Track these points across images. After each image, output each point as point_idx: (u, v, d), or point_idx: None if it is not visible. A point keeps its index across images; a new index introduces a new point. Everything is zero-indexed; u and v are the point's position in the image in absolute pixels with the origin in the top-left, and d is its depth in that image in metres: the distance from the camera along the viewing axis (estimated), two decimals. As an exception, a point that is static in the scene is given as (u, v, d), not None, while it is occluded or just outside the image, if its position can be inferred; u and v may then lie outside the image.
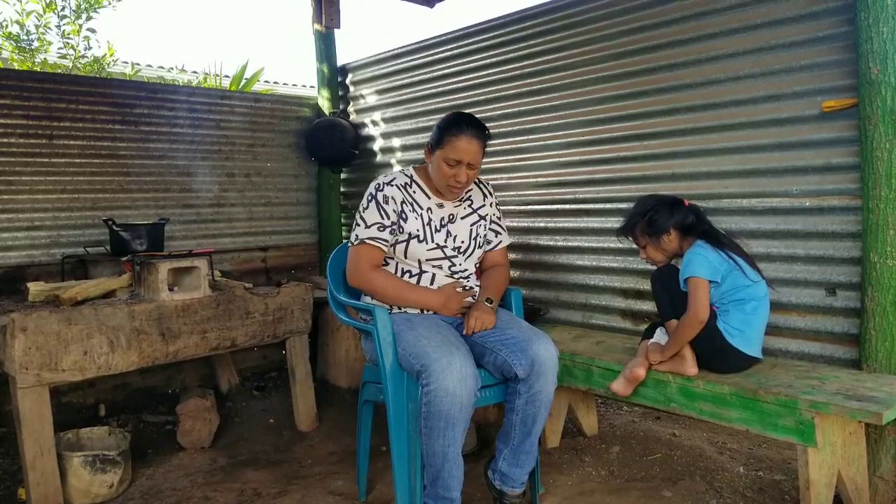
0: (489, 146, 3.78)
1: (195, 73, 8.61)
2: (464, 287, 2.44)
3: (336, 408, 3.61)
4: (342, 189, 4.86)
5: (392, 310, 2.37)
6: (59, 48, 7.13)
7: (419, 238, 2.36)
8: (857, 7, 2.31)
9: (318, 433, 3.27)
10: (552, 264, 3.54)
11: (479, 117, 3.75)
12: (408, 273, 2.41)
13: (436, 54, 4.10)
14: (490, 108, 3.79)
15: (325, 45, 4.71)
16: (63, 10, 6.99)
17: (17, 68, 6.45)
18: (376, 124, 4.58)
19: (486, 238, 2.56)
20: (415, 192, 2.42)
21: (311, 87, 7.39)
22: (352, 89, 4.76)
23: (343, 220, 4.88)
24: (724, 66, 2.83)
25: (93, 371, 2.58)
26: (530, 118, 3.60)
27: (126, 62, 8.16)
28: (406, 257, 2.39)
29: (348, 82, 4.76)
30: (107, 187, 3.84)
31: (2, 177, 3.48)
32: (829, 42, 2.55)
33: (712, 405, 2.26)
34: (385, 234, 2.33)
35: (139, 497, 2.65)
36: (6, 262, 3.49)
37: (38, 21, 6.90)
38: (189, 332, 2.81)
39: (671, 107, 3.02)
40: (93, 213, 3.75)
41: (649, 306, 3.07)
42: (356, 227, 2.38)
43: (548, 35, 3.49)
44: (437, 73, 4.11)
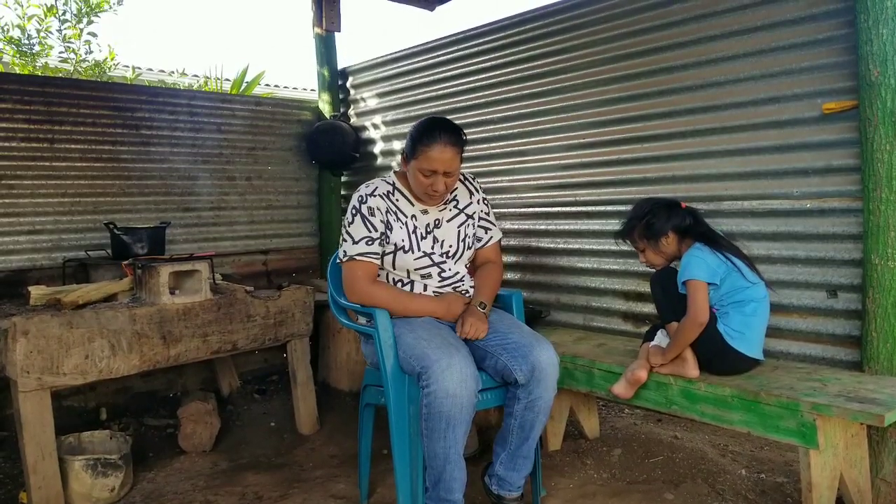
0: (489, 148, 3.85)
1: (196, 76, 8.62)
2: (464, 293, 2.42)
3: (337, 411, 3.61)
4: (343, 192, 4.86)
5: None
6: (61, 52, 7.15)
7: (404, 248, 2.34)
8: (857, 9, 2.31)
9: (320, 436, 3.27)
10: (553, 267, 3.54)
11: (479, 119, 3.85)
12: (399, 283, 2.39)
13: (436, 57, 4.11)
14: (490, 110, 3.79)
15: (326, 48, 4.71)
16: (64, 14, 7.01)
17: (18, 72, 6.47)
18: (377, 127, 4.58)
19: (476, 236, 2.52)
20: (398, 199, 2.39)
21: (312, 90, 7.39)
22: (352, 92, 4.76)
23: (344, 223, 4.88)
24: (724, 69, 2.84)
25: (94, 375, 2.58)
26: (531, 121, 3.60)
27: (127, 66, 8.17)
28: (394, 268, 2.37)
29: (349, 85, 4.77)
30: (108, 191, 3.84)
31: (3, 181, 3.48)
32: (829, 44, 2.55)
33: (714, 407, 2.26)
34: (375, 246, 2.31)
35: (140, 501, 2.65)
36: (8, 266, 3.49)
37: (40, 25, 6.92)
38: (190, 335, 2.81)
39: (671, 109, 3.02)
40: (94, 216, 3.75)
41: (650, 309, 3.06)
42: (343, 243, 2.35)
43: (548, 38, 3.50)
44: (438, 77, 4.11)
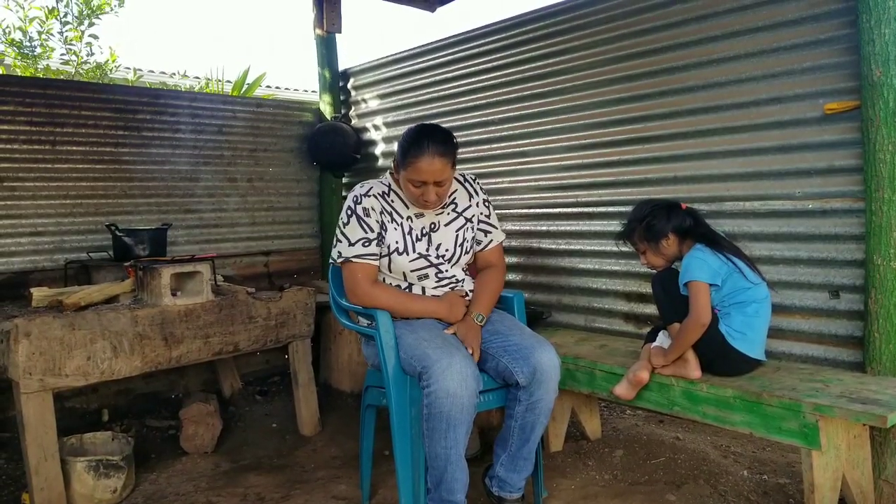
0: (491, 149, 3.85)
1: (197, 78, 8.62)
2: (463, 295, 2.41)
3: (339, 412, 3.61)
4: (344, 193, 4.86)
5: (393, 314, 2.35)
6: (62, 54, 7.15)
7: (398, 250, 2.30)
8: (859, 9, 2.31)
9: (321, 437, 3.27)
10: (554, 268, 3.54)
11: (480, 121, 3.85)
12: (396, 287, 2.36)
13: (437, 58, 4.11)
14: (491, 111, 3.79)
15: (327, 49, 4.71)
16: (65, 16, 7.01)
17: (20, 74, 6.48)
18: (378, 128, 4.59)
19: (476, 239, 2.47)
20: (393, 200, 2.34)
21: (313, 91, 7.38)
22: (353, 94, 4.76)
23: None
24: (725, 69, 2.83)
25: (96, 376, 2.58)
26: (532, 121, 3.60)
27: (128, 68, 8.18)
28: (391, 271, 2.35)
29: (350, 87, 4.77)
30: (109, 193, 3.84)
31: (5, 183, 3.49)
32: (831, 44, 2.54)
33: (716, 408, 2.25)
34: (372, 247, 2.28)
35: (142, 502, 2.65)
36: (10, 268, 3.50)
37: (41, 27, 6.92)
38: (192, 336, 2.81)
39: (673, 110, 3.02)
40: (96, 218, 3.75)
41: (652, 309, 3.06)
42: (338, 244, 2.31)
43: (549, 39, 3.50)
44: (439, 78, 4.11)
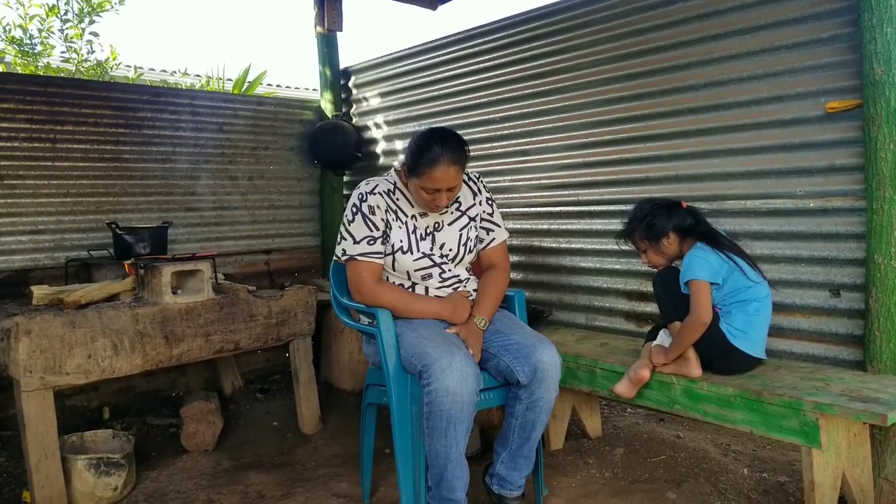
0: (492, 148, 3.85)
1: (198, 76, 8.62)
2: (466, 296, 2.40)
3: (339, 410, 3.61)
4: (345, 192, 4.86)
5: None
6: (63, 52, 7.17)
7: (403, 249, 2.30)
8: (861, 8, 2.31)
9: (322, 436, 3.27)
10: (556, 266, 3.54)
11: (481, 119, 3.84)
12: (400, 286, 2.36)
13: (438, 57, 4.11)
14: (493, 110, 3.79)
15: (328, 47, 4.71)
16: (66, 14, 7.02)
17: (20, 72, 6.48)
18: (379, 127, 4.58)
19: (479, 237, 2.46)
20: (398, 199, 2.34)
21: (314, 90, 7.39)
22: (354, 92, 4.76)
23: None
24: (727, 68, 2.83)
25: (97, 374, 2.58)
26: (533, 120, 3.60)
27: (129, 66, 8.18)
28: (394, 270, 2.34)
29: (351, 85, 4.77)
30: (110, 191, 3.84)
31: (5, 181, 3.49)
32: (832, 43, 2.54)
33: (716, 407, 2.26)
34: (377, 245, 2.28)
35: (143, 500, 2.65)
36: (10, 266, 3.50)
37: (42, 25, 6.93)
38: (193, 335, 2.81)
39: (675, 108, 3.02)
40: (96, 216, 3.75)
41: (653, 308, 3.06)
42: (343, 241, 2.30)
43: (551, 37, 3.50)
44: (440, 76, 4.11)
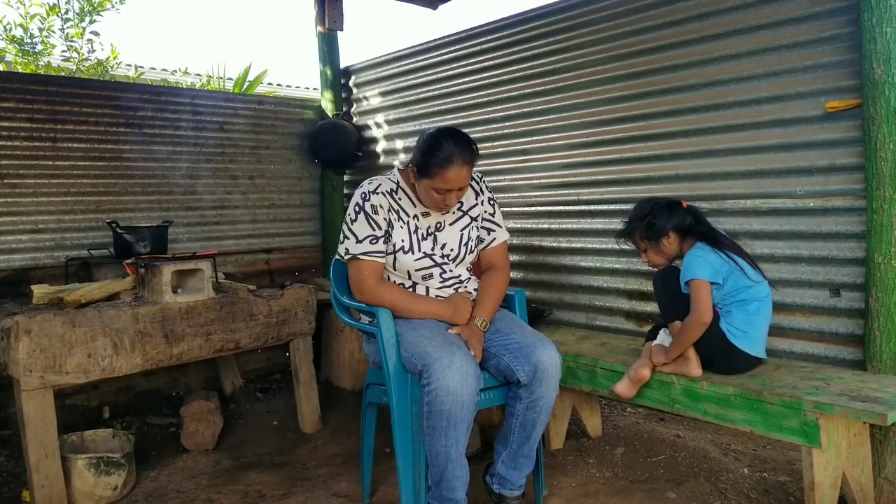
0: (492, 147, 3.85)
1: (198, 75, 8.61)
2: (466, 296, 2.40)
3: (340, 410, 3.61)
4: (345, 191, 4.86)
5: (394, 312, 2.34)
6: (63, 51, 7.16)
7: (404, 249, 2.31)
8: (861, 7, 2.31)
9: (322, 435, 3.27)
10: (556, 266, 3.54)
11: (481, 118, 3.84)
12: (400, 286, 2.36)
13: (439, 56, 4.10)
14: (493, 109, 3.79)
15: (328, 47, 4.71)
16: (66, 13, 7.01)
17: (20, 71, 6.48)
18: (379, 126, 4.58)
19: (479, 237, 2.46)
20: (401, 198, 2.34)
21: (315, 89, 7.40)
22: (355, 91, 4.76)
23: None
24: (727, 68, 2.83)
25: (97, 373, 2.58)
26: (534, 119, 3.60)
27: (129, 65, 8.18)
28: (395, 269, 2.34)
29: (351, 84, 4.77)
30: (110, 190, 3.84)
31: (6, 180, 3.49)
32: (832, 43, 2.54)
33: (717, 406, 2.26)
34: (379, 245, 2.28)
35: (143, 499, 2.65)
36: (10, 265, 3.50)
37: (42, 24, 6.92)
38: (193, 334, 2.82)
39: (675, 108, 3.02)
40: (96, 215, 3.75)
41: (653, 307, 3.06)
42: (346, 240, 2.31)
43: (551, 36, 3.49)
44: (441, 75, 4.11)
